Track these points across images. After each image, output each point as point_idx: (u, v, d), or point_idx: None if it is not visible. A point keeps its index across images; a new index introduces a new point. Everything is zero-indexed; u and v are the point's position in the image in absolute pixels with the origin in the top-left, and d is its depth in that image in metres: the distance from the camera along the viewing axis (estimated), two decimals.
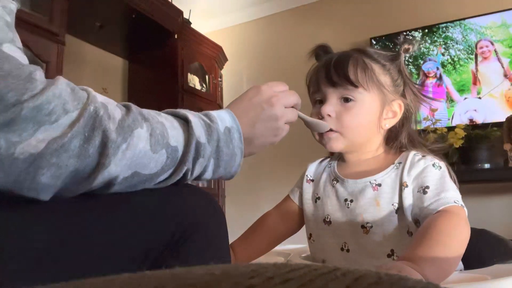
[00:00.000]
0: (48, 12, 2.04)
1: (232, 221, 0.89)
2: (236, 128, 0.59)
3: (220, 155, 0.56)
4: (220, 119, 0.58)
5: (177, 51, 2.85)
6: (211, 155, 0.55)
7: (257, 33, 3.44)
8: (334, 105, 0.77)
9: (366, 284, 0.19)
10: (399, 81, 0.80)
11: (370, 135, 0.80)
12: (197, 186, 0.70)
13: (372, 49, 0.82)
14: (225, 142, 0.57)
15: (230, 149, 0.57)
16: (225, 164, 0.58)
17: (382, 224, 0.72)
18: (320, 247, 0.81)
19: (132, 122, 0.48)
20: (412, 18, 2.81)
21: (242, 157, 0.59)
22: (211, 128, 0.56)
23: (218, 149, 0.56)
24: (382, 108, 0.78)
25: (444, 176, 0.72)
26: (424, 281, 0.21)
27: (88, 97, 0.46)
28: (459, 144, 2.23)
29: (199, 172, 0.55)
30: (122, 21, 2.66)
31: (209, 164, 0.56)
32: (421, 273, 0.53)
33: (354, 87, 0.76)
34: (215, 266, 0.21)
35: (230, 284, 0.18)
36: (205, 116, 0.58)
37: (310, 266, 0.21)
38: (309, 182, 0.88)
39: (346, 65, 0.77)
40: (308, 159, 0.93)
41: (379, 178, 0.76)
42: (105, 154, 0.45)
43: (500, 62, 2.55)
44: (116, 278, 0.21)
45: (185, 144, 0.52)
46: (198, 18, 3.29)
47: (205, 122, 0.56)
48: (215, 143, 0.55)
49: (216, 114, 0.58)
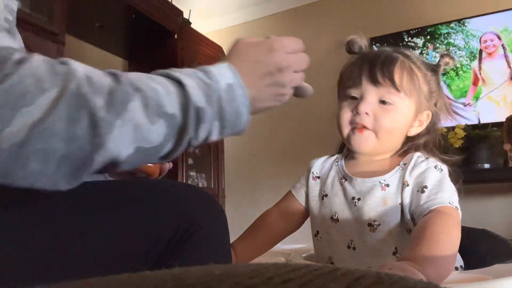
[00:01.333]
0: (48, 12, 2.04)
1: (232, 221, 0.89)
2: (238, 84, 0.54)
3: (224, 116, 0.52)
4: (220, 75, 0.53)
5: (177, 51, 2.85)
6: (214, 117, 0.51)
7: (257, 33, 3.44)
8: (372, 104, 0.76)
9: (367, 284, 0.19)
10: (436, 93, 0.80)
11: (399, 140, 0.80)
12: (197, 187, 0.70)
13: (414, 55, 0.82)
14: (228, 100, 0.52)
15: (233, 107, 0.53)
16: (231, 124, 0.54)
17: (389, 223, 0.73)
18: (327, 245, 0.81)
19: (123, 95, 0.44)
20: (412, 18, 2.80)
21: (248, 114, 0.55)
22: (211, 88, 0.51)
23: (221, 110, 0.52)
24: (415, 116, 0.78)
25: (444, 179, 0.73)
26: (424, 281, 0.21)
27: (68, 73, 0.42)
28: (459, 144, 2.23)
29: (204, 137, 0.52)
30: (122, 21, 2.66)
31: (214, 127, 0.52)
32: (423, 272, 0.53)
33: (397, 91, 0.75)
34: (215, 266, 0.21)
35: (230, 284, 0.18)
36: (203, 74, 0.53)
37: (310, 266, 0.21)
38: (315, 179, 0.87)
39: (393, 66, 0.75)
40: (309, 159, 0.93)
41: (388, 178, 0.76)
42: (98, 133, 0.41)
43: (507, 61, 2.30)
44: (116, 278, 0.21)
45: (183, 111, 0.49)
46: (198, 18, 3.29)
47: (203, 82, 0.52)
48: (217, 104, 0.51)
49: (215, 70, 0.54)
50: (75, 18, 2.30)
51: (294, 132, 3.15)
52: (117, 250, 0.51)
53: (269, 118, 3.29)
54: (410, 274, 0.52)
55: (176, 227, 0.54)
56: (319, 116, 3.03)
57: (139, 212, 0.53)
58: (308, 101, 0.85)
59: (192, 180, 2.94)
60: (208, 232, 0.56)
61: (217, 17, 3.56)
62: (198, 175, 3.02)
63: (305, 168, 0.92)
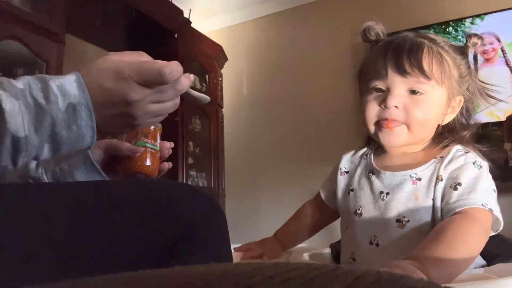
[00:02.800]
0: (48, 11, 2.04)
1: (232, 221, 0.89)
2: (85, 104, 0.48)
3: (59, 139, 0.47)
4: (62, 93, 0.47)
5: (177, 50, 2.85)
6: (43, 142, 0.47)
7: (257, 33, 3.44)
8: (401, 96, 0.71)
9: (367, 283, 0.19)
10: (467, 77, 0.75)
11: (433, 131, 0.75)
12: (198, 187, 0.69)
13: (440, 38, 0.76)
14: (66, 123, 0.47)
15: (73, 131, 0.48)
16: (68, 146, 0.49)
17: (420, 219, 0.69)
18: (351, 240, 0.78)
19: None
20: (412, 17, 2.80)
21: (94, 136, 0.50)
22: (43, 111, 0.46)
23: (54, 134, 0.47)
24: (448, 103, 0.74)
25: (481, 177, 0.68)
26: (424, 280, 0.21)
27: None
28: None
29: (25, 162, 0.47)
30: (122, 20, 2.66)
31: (44, 150, 0.48)
32: (425, 273, 0.52)
33: (427, 79, 0.70)
34: (215, 265, 0.21)
35: (230, 283, 0.18)
36: (39, 91, 0.47)
37: (310, 265, 0.21)
38: (343, 174, 0.84)
39: (421, 53, 0.70)
40: (309, 159, 0.93)
41: (420, 172, 0.71)
42: None
43: (509, 65, 1.92)
44: (116, 278, 0.21)
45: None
46: (198, 17, 3.28)
47: (36, 103, 0.46)
48: (49, 129, 0.46)
49: (59, 85, 0.47)
50: (75, 17, 2.30)
51: (294, 131, 3.15)
52: (116, 250, 0.51)
53: (269, 117, 3.29)
54: (410, 273, 0.51)
55: (176, 227, 0.54)
56: (319, 116, 3.03)
57: (140, 212, 0.53)
58: (308, 100, 0.85)
59: (192, 179, 2.94)
60: (208, 233, 0.56)
61: (217, 16, 3.56)
62: (198, 174, 3.01)
63: (304, 167, 0.92)
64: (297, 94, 3.16)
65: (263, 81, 3.37)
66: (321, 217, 0.90)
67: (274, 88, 3.29)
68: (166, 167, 0.79)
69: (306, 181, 2.70)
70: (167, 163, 0.79)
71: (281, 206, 2.74)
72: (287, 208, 0.97)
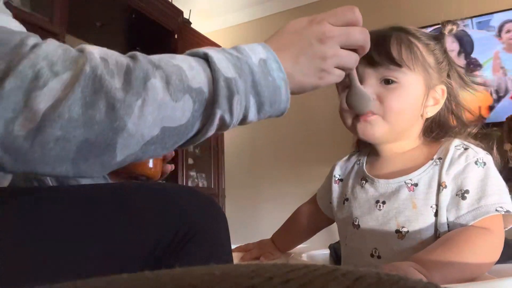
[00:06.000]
0: (49, 12, 2.04)
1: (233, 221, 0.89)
2: (272, 58, 0.49)
3: (260, 90, 0.48)
4: (251, 50, 0.49)
5: (177, 51, 2.85)
6: (248, 91, 0.47)
7: (257, 33, 3.44)
8: (373, 86, 0.69)
9: (366, 284, 0.19)
10: (444, 64, 0.72)
11: (413, 122, 0.72)
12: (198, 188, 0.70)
13: (412, 27, 0.74)
14: (262, 73, 0.48)
15: (269, 81, 0.48)
16: (270, 101, 0.49)
17: (420, 229, 0.65)
18: (351, 252, 0.75)
19: (141, 73, 0.41)
20: (412, 17, 2.80)
21: (288, 90, 0.50)
22: (240, 60, 0.47)
23: (255, 84, 0.47)
24: (427, 92, 0.70)
25: (488, 176, 0.64)
26: (423, 282, 0.21)
27: (83, 56, 0.39)
28: None
29: (240, 113, 0.48)
30: (122, 21, 2.66)
31: (250, 103, 0.48)
32: (427, 275, 0.52)
33: (398, 67, 0.68)
34: (215, 266, 0.21)
35: (230, 284, 0.18)
36: (232, 49, 0.49)
37: (310, 267, 0.21)
38: (338, 183, 0.81)
39: (388, 42, 0.69)
40: (309, 159, 0.93)
41: (416, 176, 0.68)
42: (116, 116, 0.39)
43: None
44: (116, 278, 0.21)
45: (210, 83, 0.45)
46: (198, 18, 3.29)
47: (232, 56, 0.48)
48: (249, 77, 0.47)
49: (246, 46, 0.50)
50: (75, 17, 2.30)
51: (295, 131, 3.15)
52: (117, 252, 0.51)
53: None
54: (410, 275, 0.51)
55: (176, 229, 0.54)
56: (320, 116, 3.03)
57: (141, 214, 0.53)
58: (309, 101, 0.85)
59: (192, 180, 2.94)
60: (208, 235, 0.56)
61: (217, 17, 3.56)
62: (198, 175, 3.02)
63: (304, 168, 0.91)
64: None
65: None
66: (317, 222, 0.88)
67: None
68: (169, 169, 0.79)
69: (306, 182, 2.70)
70: (169, 165, 0.79)
71: (281, 206, 2.74)
72: (287, 208, 0.96)
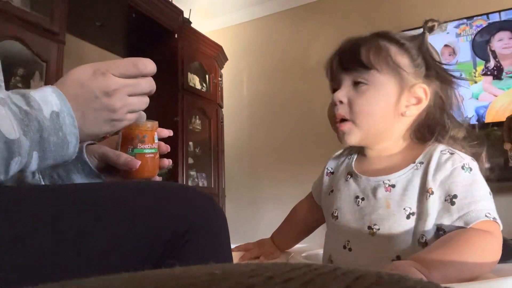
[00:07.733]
0: (49, 12, 2.04)
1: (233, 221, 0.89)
2: (66, 112, 0.50)
3: (46, 147, 0.48)
4: (44, 102, 0.49)
5: (177, 50, 2.85)
6: (32, 148, 0.47)
7: (257, 33, 3.44)
8: (347, 90, 0.73)
9: (367, 284, 0.19)
10: (419, 61, 0.73)
11: (387, 124, 0.73)
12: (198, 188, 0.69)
13: (388, 31, 0.76)
14: (53, 129, 0.48)
15: (59, 136, 0.49)
16: (55, 155, 0.50)
17: (390, 229, 0.67)
18: (328, 240, 0.79)
19: None
20: (413, 16, 2.80)
21: (77, 143, 0.52)
22: (29, 116, 0.46)
23: (42, 141, 0.48)
24: (400, 92, 0.71)
25: (475, 181, 0.65)
26: (424, 281, 0.21)
27: None
28: None
29: (18, 168, 0.47)
30: (122, 21, 2.66)
31: (33, 158, 0.48)
32: (427, 275, 0.52)
33: (366, 70, 0.71)
34: (215, 265, 0.21)
35: (230, 284, 0.18)
36: (23, 100, 0.47)
37: (310, 266, 0.21)
38: (329, 175, 0.85)
39: (358, 48, 0.73)
40: (309, 159, 0.93)
41: (394, 178, 0.70)
42: None
43: None
44: (116, 278, 0.21)
45: None
46: (198, 17, 3.28)
47: (20, 110, 0.46)
48: (36, 135, 0.47)
49: (39, 96, 0.49)
50: (75, 17, 2.30)
51: (294, 131, 3.15)
52: (116, 252, 0.51)
53: (270, 117, 3.29)
54: (410, 274, 0.51)
55: (177, 228, 0.54)
56: (319, 116, 3.03)
57: (139, 214, 0.53)
58: (309, 101, 0.85)
59: (192, 179, 2.94)
60: (208, 234, 0.56)
61: (217, 17, 3.56)
62: (198, 174, 3.01)
63: (304, 168, 0.92)
64: (297, 94, 3.16)
65: (263, 81, 3.37)
66: (315, 217, 0.89)
67: (274, 88, 3.29)
68: (166, 164, 0.78)
69: (306, 181, 2.69)
70: (167, 160, 0.78)
71: (281, 206, 2.73)
72: (287, 208, 0.96)
